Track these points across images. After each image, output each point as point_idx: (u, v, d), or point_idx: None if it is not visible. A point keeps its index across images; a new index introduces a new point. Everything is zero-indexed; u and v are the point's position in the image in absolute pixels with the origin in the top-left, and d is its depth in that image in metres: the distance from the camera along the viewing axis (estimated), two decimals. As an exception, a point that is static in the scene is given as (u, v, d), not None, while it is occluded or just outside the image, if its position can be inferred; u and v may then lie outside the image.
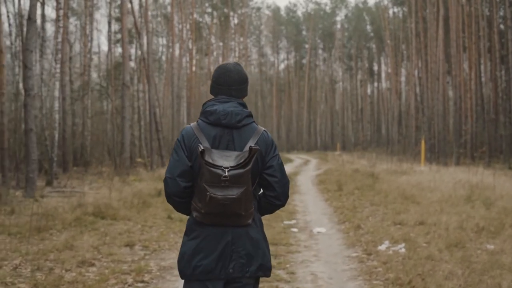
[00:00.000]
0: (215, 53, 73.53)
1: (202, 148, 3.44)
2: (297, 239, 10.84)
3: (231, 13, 70.47)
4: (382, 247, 9.42)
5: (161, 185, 21.04)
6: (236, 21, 73.33)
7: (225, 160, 3.45)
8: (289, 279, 7.71)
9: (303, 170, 33.80)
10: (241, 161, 3.45)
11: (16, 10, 34.72)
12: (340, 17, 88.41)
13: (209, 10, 67.50)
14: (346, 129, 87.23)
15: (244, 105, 3.72)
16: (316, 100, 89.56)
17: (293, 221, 13.22)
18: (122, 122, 28.71)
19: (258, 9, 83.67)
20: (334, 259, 8.96)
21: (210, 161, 3.43)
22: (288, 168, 35.97)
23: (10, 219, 13.02)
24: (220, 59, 73.38)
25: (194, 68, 69.65)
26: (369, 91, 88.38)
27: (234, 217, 3.48)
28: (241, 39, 74.25)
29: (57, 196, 18.51)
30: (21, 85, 29.13)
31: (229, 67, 3.77)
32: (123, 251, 9.55)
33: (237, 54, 75.47)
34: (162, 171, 28.15)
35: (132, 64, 46.61)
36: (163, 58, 64.64)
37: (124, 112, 28.38)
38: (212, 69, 69.15)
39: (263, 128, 3.73)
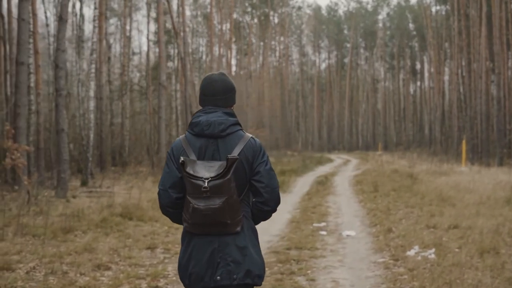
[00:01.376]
0: (256, 53, 73.35)
1: (182, 160, 3.50)
2: (324, 242, 10.48)
3: (271, 13, 70.12)
4: (411, 253, 9.01)
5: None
6: (276, 20, 72.97)
7: (207, 171, 3.49)
8: (308, 287, 7.38)
9: (342, 171, 33.28)
10: (221, 171, 3.47)
11: (55, 11, 34.98)
12: (382, 15, 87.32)
13: (249, 9, 67.21)
14: (388, 128, 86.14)
15: (230, 114, 3.73)
16: (357, 100, 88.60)
17: (323, 224, 12.84)
18: (158, 121, 28.69)
19: (299, 8, 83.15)
20: (359, 265, 8.57)
21: (192, 172, 3.48)
22: (326, 169, 35.55)
23: (37, 219, 12.93)
24: (261, 58, 73.18)
25: (234, 68, 69.68)
26: (411, 90, 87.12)
27: (220, 226, 3.52)
28: (282, 38, 73.82)
29: (90, 196, 18.45)
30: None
31: (214, 77, 3.79)
32: (143, 254, 9.32)
33: (277, 54, 75.17)
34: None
35: (172, 64, 46.70)
36: (204, 58, 64.58)
37: (160, 112, 28.35)
38: (253, 69, 69.02)
39: (250, 135, 3.74)
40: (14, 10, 23.52)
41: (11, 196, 17.14)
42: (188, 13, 64.13)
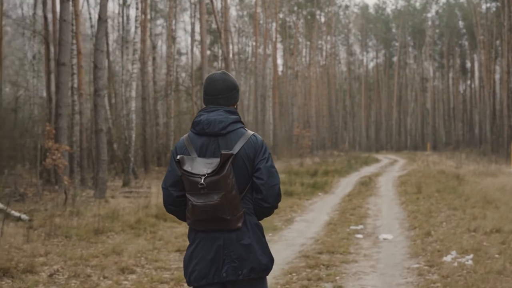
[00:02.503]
0: (302, 52, 72.94)
1: (177, 158, 3.59)
2: (359, 246, 10.14)
3: (318, 12, 69.61)
4: (448, 258, 8.62)
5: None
6: (323, 19, 72.44)
7: (205, 167, 3.56)
8: (335, 294, 7.10)
9: (387, 171, 32.68)
10: (216, 167, 3.52)
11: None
12: (430, 13, 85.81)
13: (295, 8, 66.83)
14: (437, 128, 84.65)
15: (231, 112, 3.78)
16: (406, 99, 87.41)
17: (360, 226, 12.49)
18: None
19: (346, 7, 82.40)
20: (391, 271, 8.22)
21: (189, 170, 3.56)
22: (372, 169, 35.01)
23: (72, 220, 12.90)
24: (307, 58, 72.75)
25: (281, 68, 69.46)
26: (461, 89, 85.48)
27: (220, 221, 3.57)
28: (328, 37, 73.25)
29: (129, 196, 18.44)
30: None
31: (215, 76, 3.86)
32: (171, 257, 9.15)
33: (324, 53, 74.63)
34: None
35: (217, 64, 46.70)
36: (252, 58, 64.45)
37: (202, 112, 28.23)
38: (299, 68, 68.63)
39: (252, 132, 3.79)
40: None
41: (51, 196, 17.24)
42: (234, 13, 64.27)
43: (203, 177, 3.50)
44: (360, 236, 11.28)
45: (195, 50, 49.46)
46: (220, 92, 3.80)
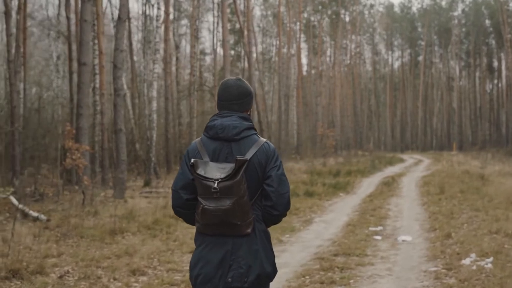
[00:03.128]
0: (328, 52, 72.58)
1: (192, 161, 3.58)
2: (376, 248, 9.94)
3: (342, 11, 69.21)
4: (466, 261, 8.40)
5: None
6: (347, 19, 71.99)
7: (218, 172, 3.55)
8: (347, 298, 6.92)
9: (411, 171, 32.31)
10: (230, 172, 3.52)
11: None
12: (457, 12, 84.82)
13: (320, 8, 66.49)
14: (464, 128, 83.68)
15: (245, 118, 3.80)
16: (432, 99, 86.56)
17: (380, 228, 12.28)
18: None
19: (371, 6, 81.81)
20: (408, 274, 8.02)
21: (202, 173, 3.55)
22: (395, 169, 34.66)
23: (90, 220, 12.87)
24: (332, 57, 72.37)
25: (305, 67, 69.17)
26: (488, 88, 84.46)
27: (230, 227, 3.57)
28: (353, 37, 72.80)
29: (148, 196, 18.38)
30: (125, 86, 29.51)
31: (230, 82, 3.87)
32: (184, 259, 9.02)
33: (348, 53, 74.15)
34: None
35: (240, 64, 46.61)
36: (276, 58, 64.22)
37: (224, 111, 28.14)
38: (324, 68, 68.28)
39: (264, 140, 3.79)
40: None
41: (70, 196, 17.23)
42: (258, 13, 64.11)
43: (216, 182, 3.51)
44: (378, 237, 11.07)
45: (219, 50, 49.48)
46: (234, 98, 3.82)
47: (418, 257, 9.15)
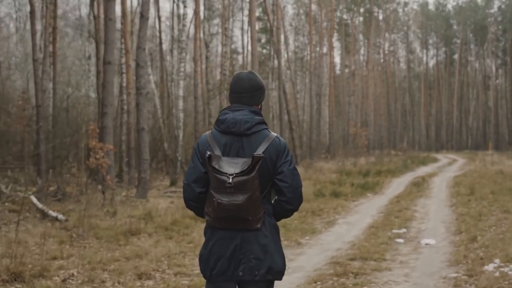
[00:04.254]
0: (361, 51, 71.92)
1: (208, 154, 3.63)
2: (397, 252, 9.54)
3: (376, 9, 68.46)
4: (489, 267, 7.97)
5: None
6: (381, 17, 71.20)
7: (232, 167, 3.60)
8: (358, 306, 6.56)
9: (444, 171, 31.65)
10: (245, 168, 3.57)
11: (153, 11, 35.27)
12: (493, 9, 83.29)
13: (352, 6, 65.85)
14: (500, 127, 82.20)
15: (256, 113, 3.81)
16: (467, 97, 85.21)
17: (403, 230, 11.85)
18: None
19: (405, 4, 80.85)
20: (426, 281, 7.61)
21: (217, 167, 3.60)
22: (428, 169, 34.04)
23: (108, 221, 12.69)
24: (365, 56, 71.69)
25: (338, 66, 68.58)
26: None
27: (242, 221, 3.62)
28: (387, 35, 71.98)
29: (172, 196, 18.18)
30: (153, 85, 29.42)
31: (242, 75, 3.89)
32: (195, 262, 8.73)
33: (382, 51, 73.34)
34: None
35: (271, 62, 46.27)
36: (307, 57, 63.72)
37: (252, 110, 27.86)
38: (357, 67, 67.65)
39: (275, 134, 3.80)
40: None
41: (93, 196, 17.09)
42: (291, 11, 63.70)
43: (231, 177, 3.55)
44: (400, 240, 10.67)
45: (250, 48, 49.17)
46: (245, 91, 3.84)
47: (439, 262, 8.74)
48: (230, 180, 3.54)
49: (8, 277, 7.22)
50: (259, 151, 3.67)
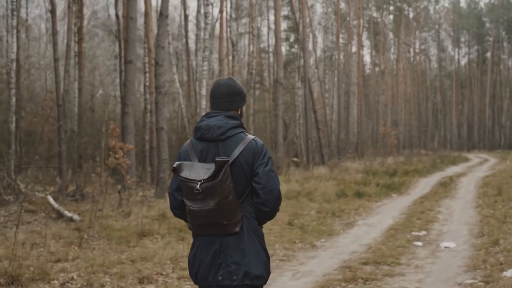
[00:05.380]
0: (391, 49, 71.10)
1: (174, 166, 3.69)
2: (413, 256, 9.17)
3: (406, 7, 67.64)
4: (508, 273, 7.57)
5: (304, 186, 19.92)
6: (411, 15, 70.31)
7: (203, 173, 3.60)
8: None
9: (473, 171, 30.98)
10: (211, 173, 3.56)
11: (180, 9, 35.14)
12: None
13: (382, 4, 65.11)
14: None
15: (232, 117, 3.82)
16: (500, 96, 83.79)
17: (423, 232, 11.46)
18: (275, 120, 27.96)
19: (436, 2, 79.72)
20: (440, 287, 7.27)
21: (187, 176, 3.62)
22: (457, 169, 33.40)
23: (123, 221, 12.51)
24: (396, 55, 70.90)
25: (367, 65, 67.91)
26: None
27: (218, 226, 3.62)
28: (417, 33, 71.08)
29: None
30: (178, 85, 29.29)
31: (220, 81, 3.94)
32: (202, 265, 8.48)
33: (412, 50, 72.47)
34: (321, 171, 27.01)
35: (298, 62, 45.84)
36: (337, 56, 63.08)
37: (277, 109, 27.64)
38: (387, 65, 66.93)
39: (251, 137, 3.80)
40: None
41: (112, 195, 16.97)
42: (320, 10, 63.17)
43: (199, 183, 3.56)
44: (419, 243, 10.28)
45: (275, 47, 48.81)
46: (223, 96, 3.86)
47: (456, 267, 8.36)
48: (198, 186, 3.55)
49: (5, 280, 7.03)
50: (235, 155, 3.68)
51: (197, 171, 3.61)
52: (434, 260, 8.90)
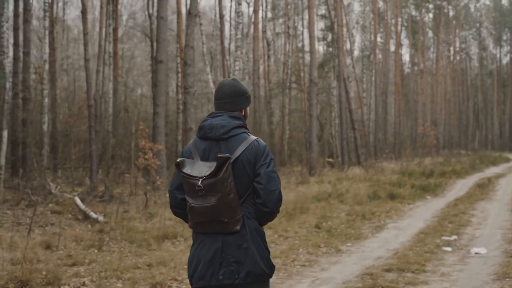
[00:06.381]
0: (430, 48, 70.06)
1: (177, 161, 3.69)
2: (440, 262, 8.79)
3: (446, 5, 66.55)
4: (539, 282, 7.19)
5: (336, 187, 19.58)
6: (451, 13, 69.16)
7: (205, 170, 3.61)
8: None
9: (514, 172, 30.26)
10: (213, 170, 3.58)
11: (217, 9, 35.02)
12: None
13: (421, 2, 64.16)
14: None
15: (236, 117, 3.85)
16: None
17: (454, 237, 11.05)
18: (309, 119, 27.63)
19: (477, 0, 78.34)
20: (464, 297, 6.92)
21: (189, 172, 3.63)
22: (498, 170, 32.70)
23: (148, 223, 12.37)
24: (435, 53, 69.84)
25: (406, 64, 67.00)
26: None
27: (219, 224, 3.61)
28: (457, 31, 69.90)
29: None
30: (211, 85, 29.15)
31: (225, 82, 3.97)
32: (220, 270, 8.25)
33: (452, 48, 71.32)
34: (355, 172, 26.63)
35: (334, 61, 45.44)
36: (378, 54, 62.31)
37: (311, 109, 27.29)
38: (426, 65, 65.98)
39: (254, 138, 3.82)
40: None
41: (141, 197, 16.85)
42: (358, 8, 62.60)
43: (201, 179, 3.57)
44: (448, 249, 9.89)
45: (316, 47, 48.41)
46: (227, 97, 3.89)
47: (485, 275, 7.97)
48: (200, 182, 3.55)
49: (14, 285, 6.88)
50: (236, 154, 3.68)
51: (199, 168, 3.63)
52: (462, 267, 8.52)
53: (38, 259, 8.18)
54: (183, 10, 26.15)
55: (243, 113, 3.97)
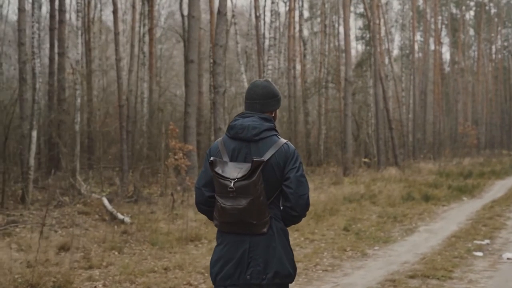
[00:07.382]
0: (471, 46, 68.87)
1: (211, 159, 3.70)
2: (469, 269, 8.41)
3: (487, 2, 65.33)
4: None
5: (370, 188, 19.22)
6: (493, 11, 67.86)
7: (235, 172, 3.63)
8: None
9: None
10: (246, 172, 3.59)
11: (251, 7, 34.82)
12: None
13: (460, 0, 63.11)
14: None
15: (266, 119, 3.84)
16: None
17: (486, 241, 10.63)
18: (344, 119, 27.26)
19: (520, -5, 76.71)
20: (490, 306, 6.56)
21: (220, 172, 3.65)
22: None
23: (173, 225, 12.21)
24: (476, 52, 68.63)
25: (446, 63, 65.93)
26: None
27: (247, 225, 3.65)
28: (499, 29, 68.56)
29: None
30: (246, 84, 28.96)
31: (257, 83, 3.97)
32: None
33: (494, 46, 69.98)
34: (391, 172, 26.19)
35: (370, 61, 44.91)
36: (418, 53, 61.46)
37: (346, 109, 26.90)
38: (467, 63, 64.88)
39: (284, 141, 3.82)
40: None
41: (170, 197, 16.73)
42: (398, 6, 61.78)
43: (233, 181, 3.58)
44: (479, 254, 9.49)
45: (354, 46, 47.99)
46: (258, 98, 3.90)
47: (516, 282, 7.61)
48: (232, 184, 3.57)
49: (24, 289, 6.75)
50: (266, 157, 3.69)
51: (230, 169, 3.65)
52: (492, 273, 8.14)
53: (53, 262, 8.04)
54: (216, 10, 25.99)
55: (273, 115, 3.95)
